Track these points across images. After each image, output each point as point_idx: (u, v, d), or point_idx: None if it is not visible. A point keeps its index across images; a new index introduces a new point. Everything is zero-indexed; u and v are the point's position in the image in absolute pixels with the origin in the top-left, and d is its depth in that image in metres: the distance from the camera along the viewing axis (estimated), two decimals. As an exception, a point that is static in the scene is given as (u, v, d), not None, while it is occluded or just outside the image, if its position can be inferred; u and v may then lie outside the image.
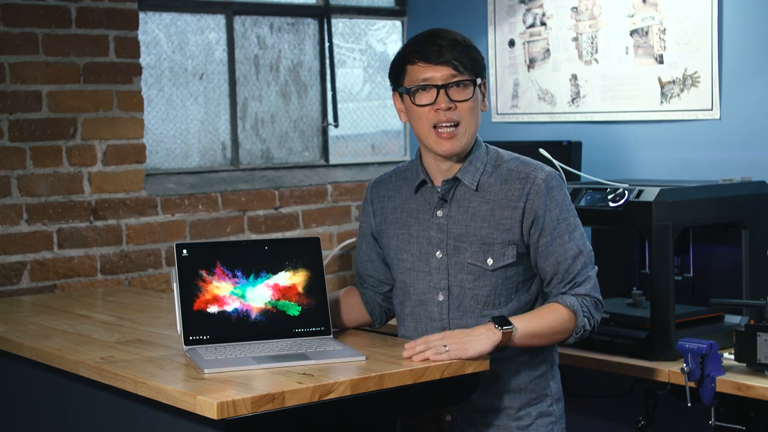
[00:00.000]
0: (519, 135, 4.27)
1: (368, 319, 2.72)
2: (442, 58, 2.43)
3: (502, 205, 2.46)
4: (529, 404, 2.51)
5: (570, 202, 2.50)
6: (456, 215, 2.49)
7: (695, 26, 3.67)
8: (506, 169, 2.49)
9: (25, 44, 3.68)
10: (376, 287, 2.69)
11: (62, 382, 2.56)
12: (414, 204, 2.55)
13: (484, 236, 2.46)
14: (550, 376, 2.54)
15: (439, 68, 2.43)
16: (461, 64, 2.43)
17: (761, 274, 3.24)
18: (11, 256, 3.66)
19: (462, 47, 2.46)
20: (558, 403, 2.56)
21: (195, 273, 2.45)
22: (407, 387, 2.23)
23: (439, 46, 2.44)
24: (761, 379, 2.79)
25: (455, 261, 2.48)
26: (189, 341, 2.41)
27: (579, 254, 2.46)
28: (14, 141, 3.67)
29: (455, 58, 2.43)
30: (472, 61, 2.46)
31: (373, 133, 4.81)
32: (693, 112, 3.72)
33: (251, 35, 4.39)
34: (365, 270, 2.69)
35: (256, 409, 2.02)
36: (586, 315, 2.44)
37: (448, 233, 2.49)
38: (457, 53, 2.44)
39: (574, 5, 4.05)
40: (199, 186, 4.14)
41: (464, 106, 2.44)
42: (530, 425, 2.50)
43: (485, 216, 2.46)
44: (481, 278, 2.46)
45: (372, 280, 2.69)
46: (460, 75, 2.44)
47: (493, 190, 2.47)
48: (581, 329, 2.44)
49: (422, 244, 2.52)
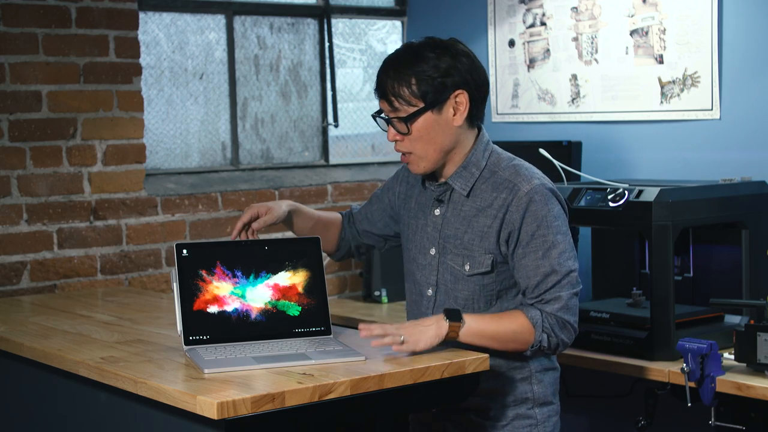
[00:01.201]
0: (519, 135, 4.27)
1: (332, 249, 2.83)
2: (380, 91, 2.45)
3: (486, 213, 2.45)
4: (506, 406, 2.51)
5: (555, 219, 2.42)
6: (450, 216, 2.51)
7: (695, 26, 3.67)
8: (499, 177, 2.47)
9: (25, 44, 3.68)
10: (360, 233, 2.79)
11: (62, 382, 2.56)
12: (423, 198, 2.60)
13: (466, 242, 2.47)
14: (534, 380, 2.53)
15: (383, 102, 2.46)
16: (401, 98, 2.41)
17: (761, 274, 3.24)
18: (11, 256, 3.66)
19: (408, 76, 2.40)
20: (542, 407, 2.54)
21: (195, 273, 2.45)
22: (407, 387, 2.24)
23: (380, 79, 2.44)
24: (761, 379, 2.79)
25: (443, 261, 2.52)
26: (189, 341, 2.41)
27: (551, 273, 2.40)
28: (14, 141, 3.67)
29: (393, 93, 2.41)
30: (422, 88, 2.40)
31: (373, 133, 4.81)
32: (693, 112, 3.72)
33: (251, 35, 4.39)
34: (361, 217, 2.80)
35: (256, 409, 2.02)
36: (546, 331, 2.40)
37: (441, 233, 2.52)
38: (399, 85, 2.40)
39: (574, 5, 4.05)
40: (199, 186, 4.14)
41: (408, 138, 2.44)
42: (506, 425, 2.51)
43: (471, 222, 2.47)
44: (460, 282, 2.49)
45: (363, 224, 2.78)
46: (394, 112, 2.43)
47: (483, 196, 2.47)
48: (538, 344, 2.40)
49: (423, 238, 2.57)
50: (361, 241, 2.81)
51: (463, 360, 2.32)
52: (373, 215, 2.78)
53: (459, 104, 2.43)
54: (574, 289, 2.42)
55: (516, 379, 2.51)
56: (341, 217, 2.84)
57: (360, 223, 2.80)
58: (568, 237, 2.45)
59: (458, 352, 2.37)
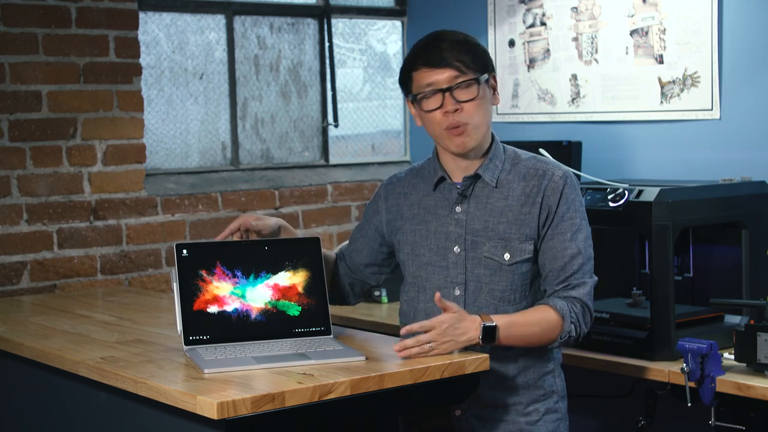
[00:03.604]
0: (519, 135, 4.27)
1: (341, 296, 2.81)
2: (444, 61, 2.45)
3: (521, 201, 2.49)
4: (537, 400, 2.53)
5: (581, 204, 2.51)
6: (475, 211, 2.52)
7: (695, 26, 3.67)
8: (524, 166, 2.53)
9: (25, 44, 3.68)
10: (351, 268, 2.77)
11: (62, 382, 2.56)
12: (432, 200, 2.59)
13: (502, 231, 2.49)
14: (557, 374, 2.58)
15: (441, 71, 2.45)
16: (463, 64, 2.45)
17: (761, 274, 3.24)
18: (11, 256, 3.66)
19: (464, 47, 2.47)
20: (563, 401, 2.60)
21: (195, 273, 2.45)
22: (407, 387, 2.24)
23: (440, 49, 2.46)
24: (761, 379, 2.79)
25: (473, 256, 2.51)
26: (189, 341, 2.41)
27: (577, 254, 2.46)
28: (14, 141, 3.67)
29: (457, 59, 2.45)
30: (476, 59, 2.47)
31: (373, 133, 4.81)
32: (693, 112, 3.72)
33: (251, 35, 4.39)
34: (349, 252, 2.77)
35: (256, 409, 2.02)
36: (573, 321, 2.43)
37: (467, 228, 2.52)
38: (458, 53, 2.45)
39: (574, 5, 4.05)
40: (199, 186, 4.14)
41: (471, 105, 2.46)
42: (538, 421, 2.53)
43: (504, 212, 2.50)
44: (497, 273, 2.49)
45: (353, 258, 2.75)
46: (463, 75, 2.46)
47: (512, 186, 2.51)
48: (566, 335, 2.44)
49: (440, 239, 2.56)
50: (353, 277, 2.78)
51: (463, 360, 2.32)
52: (358, 246, 2.75)
53: (493, 86, 2.54)
54: (594, 279, 2.50)
55: (545, 372, 2.55)
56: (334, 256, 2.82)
57: (349, 259, 2.78)
58: (589, 226, 2.53)
59: (458, 352, 2.37)
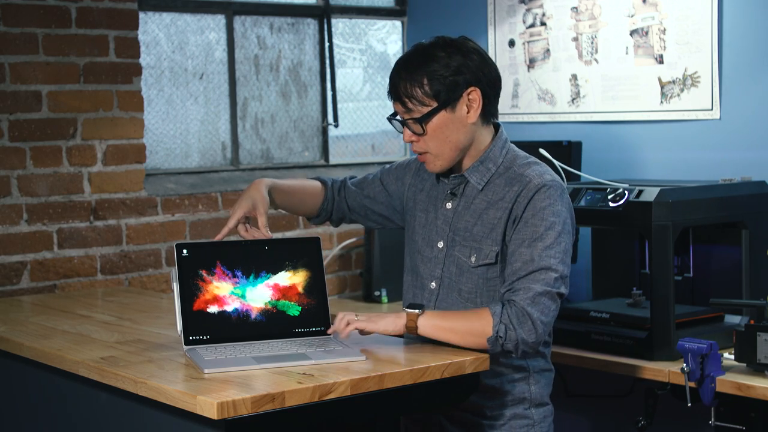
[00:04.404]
0: (519, 135, 4.27)
1: (314, 213, 2.82)
2: (393, 93, 2.47)
3: (497, 206, 2.47)
4: (504, 405, 2.52)
5: (553, 215, 2.39)
6: (462, 210, 2.53)
7: (695, 26, 3.67)
8: (514, 172, 2.49)
9: (25, 44, 3.68)
10: (350, 208, 2.79)
11: (62, 382, 2.56)
12: (435, 192, 2.62)
13: (475, 233, 2.49)
14: (532, 381, 2.53)
15: (396, 104, 2.48)
16: (414, 99, 2.43)
17: (761, 274, 3.24)
18: (11, 256, 3.66)
19: (423, 76, 2.42)
20: (538, 408, 2.54)
21: (195, 273, 2.45)
22: (407, 387, 2.24)
23: (398, 78, 2.45)
24: (761, 379, 2.79)
25: (450, 253, 2.53)
26: (189, 341, 2.41)
27: (530, 261, 2.36)
28: (14, 141, 3.67)
29: (408, 94, 2.43)
30: (438, 88, 2.41)
31: (373, 133, 4.81)
32: (693, 112, 3.72)
33: (251, 35, 4.39)
34: (359, 193, 2.79)
35: (256, 409, 2.02)
36: (505, 322, 2.33)
37: (451, 226, 2.54)
38: (412, 86, 2.42)
39: (574, 5, 4.05)
40: (199, 186, 4.14)
41: (424, 138, 2.46)
42: (503, 425, 2.52)
43: (482, 215, 2.49)
44: (464, 273, 2.50)
45: (361, 200, 2.78)
46: (409, 113, 2.46)
47: (496, 191, 2.49)
48: (495, 334, 2.33)
49: (431, 231, 2.58)
50: (345, 213, 2.82)
51: (463, 360, 2.32)
52: (376, 196, 2.78)
53: (472, 102, 2.45)
54: (550, 289, 2.35)
55: (515, 379, 2.52)
56: (321, 185, 2.83)
57: (354, 198, 2.79)
58: (563, 239, 2.39)
59: (458, 352, 2.37)
